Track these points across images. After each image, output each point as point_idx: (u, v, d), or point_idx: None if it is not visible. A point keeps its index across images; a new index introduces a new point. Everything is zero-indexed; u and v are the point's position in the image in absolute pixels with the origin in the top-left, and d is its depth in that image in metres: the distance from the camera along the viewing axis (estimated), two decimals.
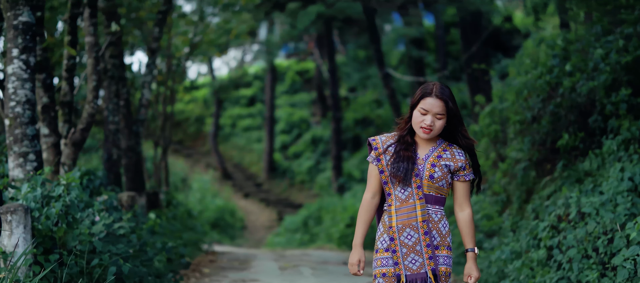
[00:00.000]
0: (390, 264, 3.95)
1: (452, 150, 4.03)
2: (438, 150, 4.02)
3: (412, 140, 4.02)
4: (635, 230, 5.51)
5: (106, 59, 11.58)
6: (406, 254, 3.93)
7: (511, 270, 7.48)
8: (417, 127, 3.97)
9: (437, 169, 3.96)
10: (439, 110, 3.93)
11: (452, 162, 3.99)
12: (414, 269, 3.93)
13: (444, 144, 4.05)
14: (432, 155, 4.00)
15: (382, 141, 4.05)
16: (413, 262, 3.93)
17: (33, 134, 6.81)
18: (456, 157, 4.01)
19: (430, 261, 3.93)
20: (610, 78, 7.87)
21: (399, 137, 4.03)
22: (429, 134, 3.96)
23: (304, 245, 18.01)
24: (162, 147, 16.96)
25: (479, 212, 10.64)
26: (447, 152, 4.02)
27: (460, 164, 4.00)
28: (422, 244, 3.93)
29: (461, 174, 4.02)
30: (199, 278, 9.54)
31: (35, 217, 5.91)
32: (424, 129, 3.95)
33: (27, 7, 6.81)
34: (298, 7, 17.63)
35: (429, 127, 3.94)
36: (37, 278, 5.36)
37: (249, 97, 30.68)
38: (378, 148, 4.03)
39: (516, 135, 10.00)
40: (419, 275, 3.92)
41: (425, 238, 3.94)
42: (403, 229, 3.94)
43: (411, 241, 3.93)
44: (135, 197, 9.57)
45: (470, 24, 16.31)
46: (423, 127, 3.95)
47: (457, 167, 4.00)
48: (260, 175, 26.87)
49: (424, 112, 3.95)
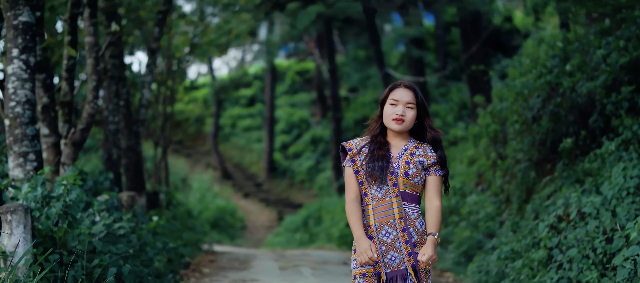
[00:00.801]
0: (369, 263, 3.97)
1: (424, 148, 4.10)
2: (410, 148, 4.09)
3: (384, 140, 4.09)
4: (635, 230, 5.51)
5: (106, 59, 11.58)
6: (385, 252, 3.98)
7: (511, 270, 7.48)
8: (389, 119, 4.06)
9: (411, 166, 4.02)
10: (409, 99, 4.05)
11: (425, 159, 4.06)
12: (393, 266, 3.97)
13: (415, 142, 4.12)
14: (405, 153, 4.07)
15: (355, 143, 4.13)
16: (392, 259, 3.97)
17: (33, 134, 6.81)
18: (428, 154, 4.08)
19: (410, 257, 3.97)
20: (611, 78, 7.88)
21: (372, 137, 4.12)
22: (402, 125, 4.04)
23: (304, 245, 18.01)
24: (162, 147, 16.96)
25: (479, 212, 10.64)
26: (419, 149, 4.09)
27: (433, 160, 4.07)
28: (401, 241, 3.98)
29: (432, 170, 4.07)
30: (199, 278, 9.54)
31: (36, 217, 5.91)
32: (396, 120, 4.03)
33: (27, 7, 6.81)
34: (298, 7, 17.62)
35: (401, 116, 4.03)
36: (37, 278, 5.36)
37: (249, 97, 30.69)
38: (352, 150, 4.10)
39: (516, 135, 10.00)
40: (399, 271, 3.96)
41: (404, 235, 3.99)
42: (381, 227, 3.99)
43: (389, 238, 3.98)
44: (135, 197, 9.57)
45: (470, 24, 16.31)
46: (395, 117, 4.03)
47: (430, 163, 4.06)
48: (260, 175, 26.88)
49: (395, 103, 4.05)
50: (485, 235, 10.07)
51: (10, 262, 5.43)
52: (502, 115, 10.82)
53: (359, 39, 24.08)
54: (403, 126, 4.05)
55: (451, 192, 12.63)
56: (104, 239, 6.80)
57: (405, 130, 4.09)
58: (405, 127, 4.06)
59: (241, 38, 20.08)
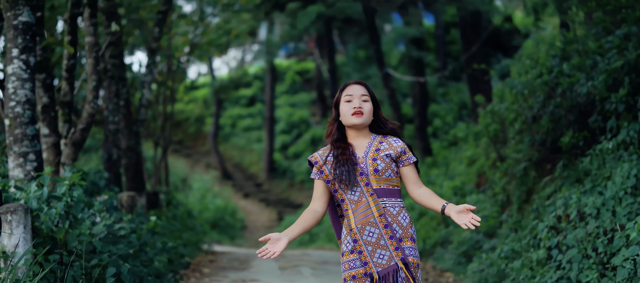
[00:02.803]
0: (358, 266, 3.98)
1: (388, 140, 4.10)
2: (375, 143, 4.08)
3: (346, 144, 4.09)
4: (635, 230, 5.52)
5: (106, 59, 11.58)
6: (372, 251, 3.97)
7: (511, 270, 7.48)
8: (348, 116, 4.05)
9: (379, 162, 4.01)
10: (362, 91, 4.08)
11: (392, 150, 4.05)
12: (383, 264, 3.96)
13: (378, 137, 4.12)
14: (370, 151, 4.06)
15: (319, 154, 4.13)
16: (381, 257, 3.96)
17: (33, 134, 6.81)
18: (393, 145, 4.07)
19: (397, 252, 3.96)
20: (610, 78, 7.87)
21: (332, 144, 4.11)
22: (362, 117, 4.03)
23: (304, 245, 18.02)
24: (162, 147, 16.96)
25: (479, 212, 10.64)
26: (384, 143, 4.08)
27: (400, 149, 4.06)
28: (385, 238, 3.97)
29: (404, 159, 4.07)
30: (199, 278, 9.54)
31: (36, 217, 5.91)
32: (355, 113, 4.03)
33: (27, 7, 6.81)
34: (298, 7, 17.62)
35: (359, 108, 4.03)
36: (37, 278, 5.36)
37: (249, 97, 30.68)
38: (318, 162, 4.10)
39: (516, 135, 10.00)
40: (390, 268, 3.95)
41: (387, 231, 3.97)
42: (363, 228, 3.98)
43: (373, 237, 3.97)
44: (135, 197, 9.57)
45: (470, 24, 16.31)
46: (354, 111, 4.03)
47: (398, 153, 4.05)
48: (260, 175, 26.87)
49: (349, 99, 4.06)
50: (485, 235, 10.07)
51: (11, 262, 5.43)
52: (502, 115, 10.82)
53: (359, 39, 24.08)
54: (363, 119, 4.04)
55: (451, 192, 12.62)
56: (104, 239, 6.80)
57: (365, 124, 4.08)
58: (366, 119, 4.05)
59: (241, 38, 20.09)
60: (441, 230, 11.82)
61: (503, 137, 11.05)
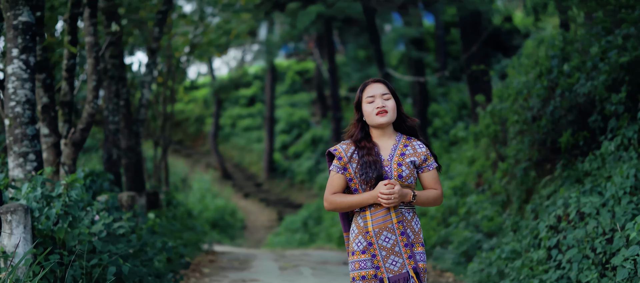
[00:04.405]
0: (369, 267, 3.97)
1: (412, 144, 4.06)
2: (399, 148, 4.03)
3: (371, 143, 4.03)
4: (635, 230, 5.52)
5: (106, 59, 11.58)
6: (386, 257, 3.96)
7: (511, 270, 7.48)
8: (373, 116, 4.00)
9: (404, 168, 3.98)
10: (383, 90, 4.03)
11: (416, 157, 4.02)
12: (395, 270, 3.96)
13: (402, 139, 4.07)
14: (395, 154, 4.01)
15: (344, 149, 4.04)
16: (394, 263, 3.96)
17: (33, 134, 6.81)
18: (418, 150, 4.04)
19: (410, 260, 3.96)
20: (610, 78, 7.87)
21: (356, 143, 4.04)
22: (387, 116, 3.99)
23: (304, 245, 18.02)
24: (162, 147, 16.96)
25: (479, 212, 10.64)
26: (408, 148, 4.04)
27: (423, 157, 4.04)
28: (400, 245, 3.96)
29: (424, 166, 4.05)
30: (199, 278, 9.54)
31: (36, 217, 5.91)
32: (379, 113, 3.99)
33: (27, 7, 6.81)
34: (298, 7, 17.62)
35: (383, 107, 3.99)
36: (37, 278, 5.36)
37: (249, 97, 30.68)
38: (342, 158, 4.02)
39: (516, 135, 10.00)
40: (401, 275, 3.95)
41: (403, 239, 3.97)
42: (380, 233, 3.96)
43: (389, 243, 3.96)
44: (135, 197, 9.57)
45: (470, 24, 16.30)
46: (378, 111, 3.99)
47: (421, 160, 4.03)
48: (260, 175, 26.87)
49: (371, 100, 4.01)
50: (485, 235, 10.07)
51: (11, 262, 5.43)
52: (502, 115, 10.82)
53: (359, 39, 24.08)
54: (388, 117, 4.00)
55: (451, 192, 12.62)
56: (103, 239, 6.80)
57: (390, 122, 4.04)
58: (390, 117, 4.01)
59: (241, 38, 20.09)
60: (441, 230, 11.82)
61: (503, 137, 11.05)
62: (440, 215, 12.31)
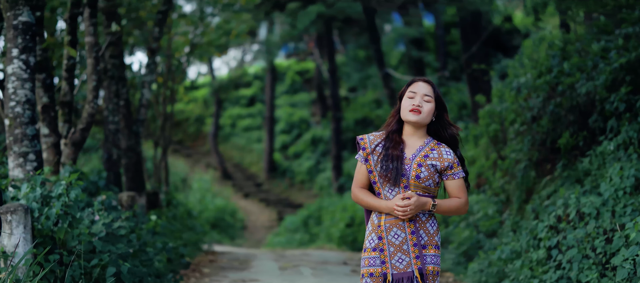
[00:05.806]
0: (377, 264, 3.97)
1: (440, 149, 4.03)
2: (425, 150, 4.01)
3: (400, 139, 4.03)
4: (635, 230, 5.52)
5: (106, 59, 11.58)
6: (393, 253, 3.95)
7: (511, 270, 7.48)
8: (407, 111, 4.00)
9: (423, 169, 3.96)
10: (427, 91, 4.00)
11: (439, 162, 3.99)
12: (400, 268, 3.94)
13: (432, 143, 4.05)
14: (418, 155, 3.99)
15: (370, 141, 4.06)
16: (400, 261, 3.95)
17: (33, 134, 6.81)
18: (443, 157, 4.01)
19: (417, 260, 3.94)
20: (610, 78, 7.87)
21: (388, 134, 4.05)
22: (419, 116, 3.98)
23: (304, 245, 18.01)
24: (162, 147, 16.96)
25: (479, 212, 10.64)
26: (434, 152, 4.02)
27: (447, 163, 4.00)
28: (409, 243, 3.95)
29: (449, 173, 4.01)
30: (199, 278, 9.54)
31: (36, 217, 5.91)
32: (413, 111, 3.97)
33: (27, 7, 6.81)
34: (298, 7, 17.63)
35: (418, 106, 3.97)
36: (37, 278, 5.36)
37: (249, 97, 30.68)
38: (366, 148, 4.04)
39: (516, 135, 10.00)
40: (405, 274, 3.94)
41: (412, 238, 3.96)
42: (390, 228, 3.97)
43: (398, 240, 3.96)
44: (135, 197, 9.57)
45: (470, 24, 16.30)
46: (412, 108, 3.97)
47: (444, 167, 4.00)
48: (260, 175, 26.87)
49: (412, 95, 4.00)
50: (485, 235, 10.07)
51: (11, 262, 5.43)
52: (502, 115, 10.82)
53: (359, 39, 24.08)
54: (420, 117, 3.98)
55: None
56: (103, 239, 6.80)
57: (422, 124, 4.02)
58: (422, 119, 3.99)
59: (241, 38, 20.08)
60: (441, 230, 11.83)
61: (503, 137, 11.04)
62: (440, 215, 12.29)
